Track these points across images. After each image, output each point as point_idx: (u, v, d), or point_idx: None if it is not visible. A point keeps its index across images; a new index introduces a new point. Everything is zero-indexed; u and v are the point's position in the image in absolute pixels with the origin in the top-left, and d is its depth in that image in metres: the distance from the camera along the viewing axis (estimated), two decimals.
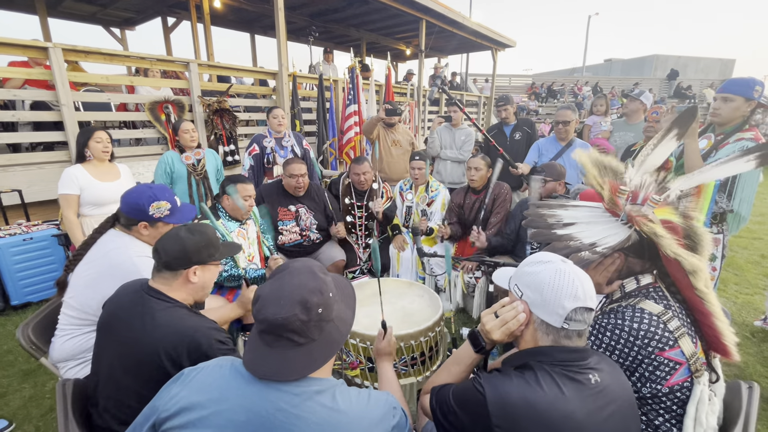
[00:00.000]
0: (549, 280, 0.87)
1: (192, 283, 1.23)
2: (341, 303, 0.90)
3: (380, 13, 7.36)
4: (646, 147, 1.24)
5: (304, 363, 0.80)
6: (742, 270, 3.83)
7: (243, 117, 4.77)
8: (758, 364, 2.36)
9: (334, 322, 0.85)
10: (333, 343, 0.84)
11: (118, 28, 8.30)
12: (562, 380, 0.83)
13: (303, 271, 0.85)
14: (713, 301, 1.00)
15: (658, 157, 1.21)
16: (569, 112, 3.10)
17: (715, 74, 24.62)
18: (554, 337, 0.89)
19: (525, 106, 15.09)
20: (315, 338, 0.81)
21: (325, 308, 0.82)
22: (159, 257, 1.20)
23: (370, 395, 0.85)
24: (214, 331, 1.17)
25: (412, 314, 1.85)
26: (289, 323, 0.77)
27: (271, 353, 0.80)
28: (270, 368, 0.78)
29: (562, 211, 1.16)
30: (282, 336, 0.79)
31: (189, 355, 1.10)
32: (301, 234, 2.85)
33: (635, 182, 1.13)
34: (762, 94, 1.95)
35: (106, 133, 2.53)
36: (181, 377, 0.84)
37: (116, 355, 1.13)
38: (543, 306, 0.88)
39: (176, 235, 1.23)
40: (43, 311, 1.61)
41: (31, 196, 3.29)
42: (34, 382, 2.20)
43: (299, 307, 0.78)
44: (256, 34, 9.10)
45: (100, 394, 1.14)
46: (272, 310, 0.78)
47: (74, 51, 3.41)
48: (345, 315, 0.90)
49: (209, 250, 1.26)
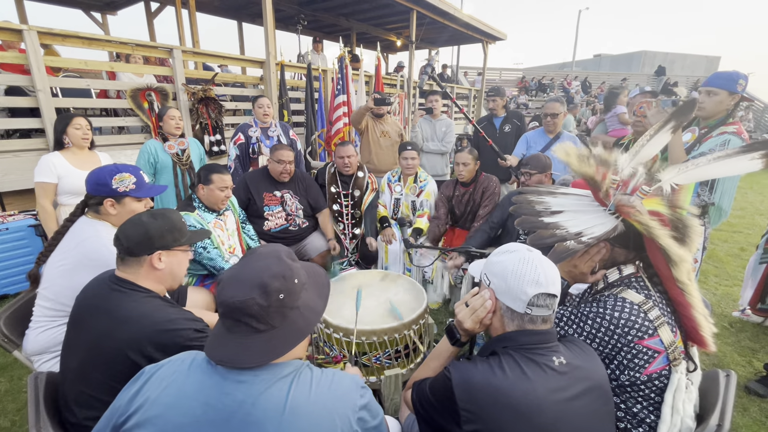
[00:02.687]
0: (512, 267, 0.90)
1: (158, 270, 1.19)
2: (311, 291, 0.87)
3: (370, 3, 7.25)
4: (642, 138, 1.22)
5: (263, 350, 0.76)
6: (722, 262, 3.93)
7: (229, 106, 4.67)
8: (735, 354, 2.43)
9: (299, 309, 0.81)
10: (297, 332, 0.80)
11: (99, 13, 7.99)
12: (525, 362, 0.86)
13: (268, 256, 0.82)
14: (694, 293, 1.01)
15: (653, 148, 1.20)
16: (557, 104, 3.10)
17: (701, 71, 25.03)
18: (519, 322, 0.91)
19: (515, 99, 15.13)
20: (276, 325, 0.78)
21: (288, 294, 0.78)
22: (120, 244, 1.15)
23: (335, 374, 0.82)
24: (190, 321, 1.13)
25: (396, 307, 1.85)
26: (247, 307, 0.74)
27: (231, 338, 0.76)
28: (227, 354, 0.75)
29: (550, 198, 1.16)
30: (240, 321, 0.76)
31: (162, 347, 1.06)
32: (287, 219, 2.82)
33: (627, 172, 1.12)
34: (745, 88, 1.97)
35: (85, 119, 2.45)
36: (141, 376, 0.81)
37: (85, 350, 1.09)
38: (507, 292, 0.91)
39: (138, 219, 1.18)
40: (16, 303, 1.56)
41: (7, 185, 3.17)
42: (9, 375, 2.14)
43: (258, 290, 0.75)
44: (243, 22, 8.88)
45: (70, 389, 1.10)
46: (230, 293, 0.75)
47: (50, 34, 3.27)
48: (314, 304, 0.86)
49: (173, 234, 1.21)
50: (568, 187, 1.25)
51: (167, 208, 1.28)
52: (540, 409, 0.80)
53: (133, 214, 1.52)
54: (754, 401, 2.04)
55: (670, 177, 1.10)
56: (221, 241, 2.21)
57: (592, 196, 1.15)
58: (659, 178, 1.10)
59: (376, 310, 1.84)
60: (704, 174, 1.12)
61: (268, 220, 2.77)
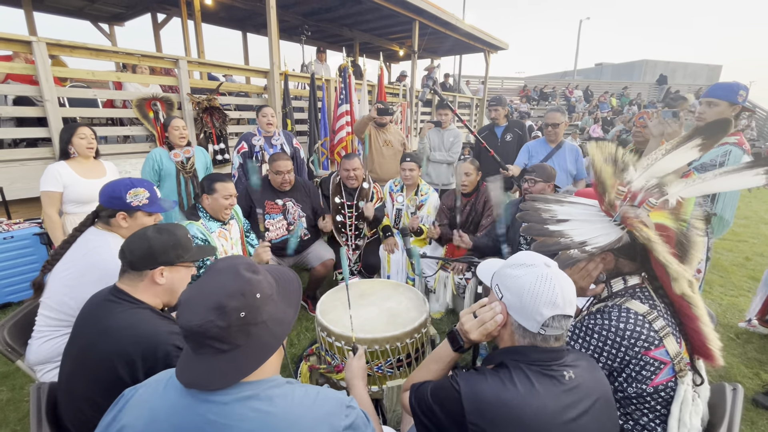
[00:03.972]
0: (529, 286, 0.86)
1: (159, 285, 1.18)
2: (279, 302, 0.82)
3: (373, 14, 7.34)
4: (657, 150, 1.17)
5: (231, 370, 0.73)
6: (727, 272, 3.90)
7: (233, 115, 4.72)
8: (742, 366, 2.40)
9: (266, 324, 0.77)
10: (264, 347, 0.77)
11: (107, 24, 8.15)
12: (536, 377, 0.84)
13: (225, 272, 0.77)
14: (700, 305, 1.00)
15: (670, 163, 1.14)
16: (558, 114, 3.11)
17: (703, 80, 25.05)
18: (530, 340, 0.89)
19: (516, 108, 15.20)
20: (240, 344, 0.74)
21: (250, 311, 0.74)
22: (124, 257, 1.16)
23: (319, 393, 0.79)
24: (175, 336, 1.09)
25: (398, 315, 1.84)
26: (206, 330, 0.71)
27: (197, 360, 0.74)
28: (195, 376, 0.73)
29: (557, 207, 1.15)
30: (203, 343, 0.73)
31: (144, 361, 1.04)
32: (288, 228, 2.83)
33: (637, 184, 1.10)
34: (746, 99, 1.97)
35: (90, 129, 2.48)
36: (120, 400, 0.80)
37: (75, 361, 1.09)
38: (521, 311, 0.88)
39: (143, 234, 1.18)
40: (19, 312, 1.56)
41: (13, 193, 3.20)
42: (11, 384, 2.14)
43: (215, 312, 0.71)
44: (248, 32, 9.02)
45: (62, 400, 1.10)
46: (187, 317, 0.72)
47: (59, 45, 3.33)
48: (282, 315, 0.82)
49: (177, 250, 1.20)
50: (575, 197, 1.24)
51: (175, 224, 1.27)
52: (549, 429, 0.79)
53: (143, 227, 1.54)
54: (762, 414, 2.01)
55: (678, 191, 1.09)
56: (224, 250, 2.22)
57: (598, 206, 1.14)
58: (666, 191, 1.09)
59: (378, 318, 1.84)
60: (710, 188, 1.11)
61: (268, 231, 2.77)
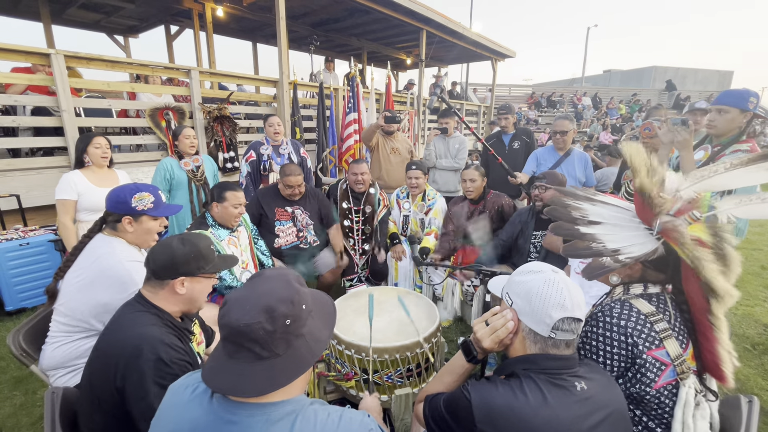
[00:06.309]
0: (537, 289, 0.88)
1: (179, 295, 1.19)
2: (317, 320, 0.83)
3: (381, 24, 7.44)
4: (718, 164, 1.04)
5: (265, 380, 0.72)
6: (742, 281, 3.81)
7: (243, 124, 4.80)
8: (759, 377, 2.34)
9: (305, 338, 0.78)
10: (301, 362, 0.76)
11: (122, 36, 8.39)
12: (547, 387, 0.84)
13: (276, 279, 0.79)
14: (723, 329, 0.96)
15: (733, 180, 1.01)
16: (567, 122, 3.11)
17: (714, 86, 24.79)
18: (542, 345, 0.89)
19: (524, 115, 15.17)
20: (280, 353, 0.74)
21: (295, 321, 0.75)
22: (148, 265, 1.18)
23: (342, 417, 0.78)
24: (163, 346, 1.07)
25: (408, 324, 1.83)
26: (252, 331, 0.71)
27: (231, 365, 0.73)
28: (226, 382, 0.72)
29: (588, 206, 1.07)
30: (243, 346, 0.73)
31: (126, 366, 1.03)
32: (298, 235, 2.85)
33: (686, 195, 1.01)
34: (757, 106, 1.95)
35: (105, 138, 2.54)
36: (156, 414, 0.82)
37: (90, 365, 1.12)
38: (531, 315, 0.89)
39: (168, 244, 1.20)
40: (34, 318, 1.60)
41: (29, 201, 3.28)
42: (25, 389, 2.17)
43: (264, 314, 0.72)
44: (258, 43, 9.20)
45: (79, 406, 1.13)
46: (235, 315, 0.72)
47: (76, 58, 3.44)
48: (320, 334, 0.82)
49: (199, 262, 1.22)
50: (606, 196, 1.15)
51: (198, 234, 1.29)
52: None
53: (149, 232, 1.56)
54: None
55: (729, 207, 0.99)
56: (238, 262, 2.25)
57: (633, 210, 1.06)
58: (714, 205, 1.00)
59: (389, 327, 1.83)
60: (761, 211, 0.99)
61: (278, 237, 2.80)
